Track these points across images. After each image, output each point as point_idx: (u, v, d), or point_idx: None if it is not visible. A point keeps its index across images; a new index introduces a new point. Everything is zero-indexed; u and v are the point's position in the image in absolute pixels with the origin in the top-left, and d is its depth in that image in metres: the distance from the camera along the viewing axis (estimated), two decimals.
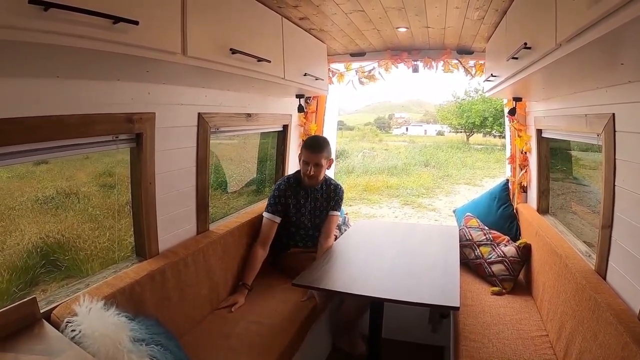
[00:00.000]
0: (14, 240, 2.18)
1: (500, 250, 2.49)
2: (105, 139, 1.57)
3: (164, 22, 1.25)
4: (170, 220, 1.94)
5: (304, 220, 2.56)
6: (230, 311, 2.08)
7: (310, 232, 2.60)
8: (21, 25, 0.84)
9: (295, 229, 2.57)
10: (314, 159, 2.44)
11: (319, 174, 2.48)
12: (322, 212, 2.60)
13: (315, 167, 2.45)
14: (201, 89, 2.05)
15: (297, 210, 2.53)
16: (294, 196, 2.52)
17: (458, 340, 1.86)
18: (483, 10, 1.99)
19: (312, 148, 2.45)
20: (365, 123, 34.55)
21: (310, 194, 2.57)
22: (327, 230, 2.55)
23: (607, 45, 0.98)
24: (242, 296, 2.19)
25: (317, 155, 2.44)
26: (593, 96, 1.71)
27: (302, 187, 2.55)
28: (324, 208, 2.61)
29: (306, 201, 2.56)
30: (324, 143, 2.50)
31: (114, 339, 1.21)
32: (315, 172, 2.46)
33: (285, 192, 2.51)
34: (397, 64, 3.09)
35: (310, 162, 2.44)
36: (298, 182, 2.55)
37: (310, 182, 2.50)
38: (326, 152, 2.49)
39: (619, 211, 1.52)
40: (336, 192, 2.63)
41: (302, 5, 1.98)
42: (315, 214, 2.59)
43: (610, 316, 1.32)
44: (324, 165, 2.49)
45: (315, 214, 2.59)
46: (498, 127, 21.00)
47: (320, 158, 2.45)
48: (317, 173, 2.47)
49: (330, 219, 2.59)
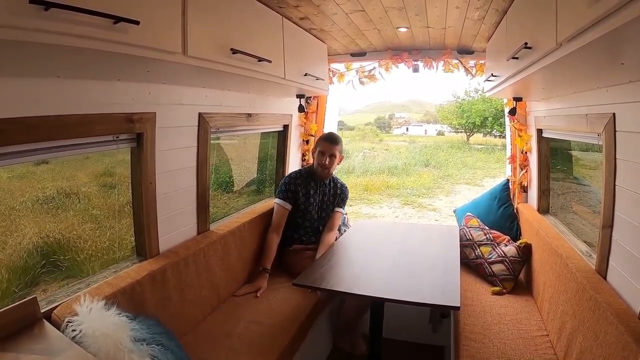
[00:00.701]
0: (15, 240, 2.19)
1: (501, 250, 2.49)
2: (105, 139, 1.57)
3: (164, 22, 1.25)
4: (171, 220, 1.94)
5: (311, 210, 2.64)
6: (256, 296, 2.22)
7: (316, 224, 2.67)
8: (22, 25, 0.84)
9: (301, 220, 2.63)
10: (330, 149, 2.61)
11: (332, 165, 2.63)
12: (328, 207, 2.73)
13: (330, 157, 2.61)
14: (202, 88, 2.05)
15: (306, 199, 2.63)
16: (304, 186, 2.64)
17: (458, 340, 1.86)
18: (483, 10, 1.99)
19: (329, 140, 2.64)
20: (365, 123, 34.58)
21: (320, 186, 2.69)
22: (331, 225, 2.69)
23: (607, 45, 0.98)
24: (265, 280, 2.33)
25: (333, 147, 2.61)
26: (593, 96, 1.71)
27: (312, 178, 2.68)
28: (331, 203, 2.74)
29: (315, 192, 2.67)
30: (338, 138, 2.71)
31: (115, 338, 1.21)
32: (330, 162, 2.61)
33: (295, 180, 2.63)
34: (397, 64, 3.09)
35: (326, 152, 2.60)
36: (309, 174, 2.69)
37: (323, 172, 2.64)
38: (340, 145, 2.67)
39: (620, 211, 1.52)
40: (342, 189, 2.79)
41: (302, 5, 1.98)
42: (322, 207, 2.71)
43: (611, 316, 1.32)
44: (337, 158, 2.65)
45: (323, 207, 2.71)
46: (498, 127, 21.01)
47: (335, 150, 2.62)
48: (331, 164, 2.62)
49: (335, 215, 2.73)
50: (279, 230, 2.55)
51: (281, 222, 2.56)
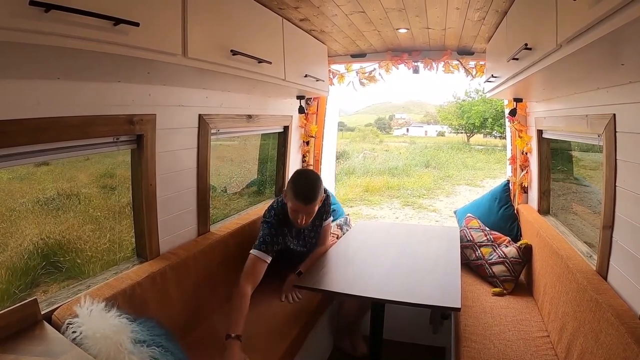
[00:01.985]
0: (15, 241, 2.18)
1: (501, 251, 2.49)
2: (106, 140, 1.57)
3: (164, 24, 1.25)
4: (171, 221, 1.94)
5: (302, 245, 2.35)
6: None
7: (306, 253, 2.39)
8: (22, 27, 0.84)
9: (291, 255, 2.32)
10: (305, 209, 2.05)
11: (309, 220, 2.13)
12: (317, 231, 2.40)
13: (307, 215, 2.09)
14: (202, 90, 2.05)
15: (291, 243, 2.25)
16: (288, 230, 2.19)
17: (459, 341, 1.86)
18: (483, 11, 1.99)
19: (303, 199, 2.02)
20: (365, 124, 34.65)
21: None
22: (322, 240, 2.43)
23: (608, 46, 0.98)
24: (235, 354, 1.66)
25: (309, 207, 2.05)
26: (594, 97, 1.71)
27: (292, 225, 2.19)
28: (318, 227, 2.40)
29: (299, 232, 2.30)
30: (316, 189, 2.08)
31: (115, 340, 1.21)
32: (306, 220, 2.10)
33: (282, 229, 2.14)
34: (397, 65, 3.09)
35: (300, 212, 2.05)
36: (286, 216, 2.15)
37: (301, 225, 2.12)
38: (319, 198, 2.09)
39: (620, 212, 1.52)
40: (325, 203, 2.29)
41: (302, 7, 1.98)
42: (311, 236, 2.38)
43: (612, 317, 1.32)
44: (316, 211, 2.13)
45: (311, 235, 2.38)
46: (498, 128, 21.05)
47: (313, 208, 2.07)
48: (307, 221, 2.12)
49: (324, 230, 2.42)
50: (254, 283, 1.93)
51: (259, 276, 1.96)
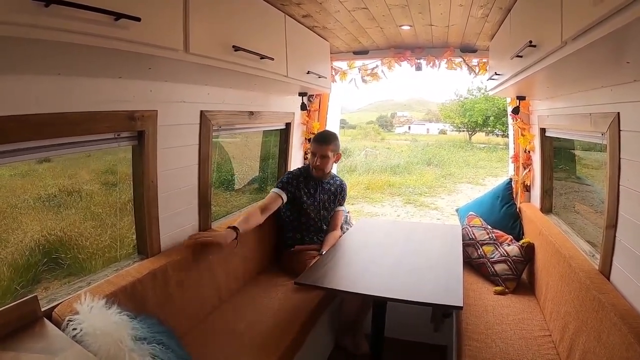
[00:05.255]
0: (17, 237, 2.19)
1: (504, 249, 2.48)
2: (107, 136, 1.56)
3: (166, 19, 1.24)
4: (173, 218, 1.94)
5: (312, 210, 2.62)
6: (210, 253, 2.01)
7: (319, 223, 2.66)
8: (22, 22, 0.83)
9: (305, 218, 2.61)
10: (320, 150, 2.54)
11: (324, 165, 2.57)
12: (330, 205, 2.71)
13: (322, 158, 2.54)
14: (203, 86, 2.04)
15: (307, 198, 2.60)
16: (305, 184, 2.60)
17: (461, 339, 1.86)
18: (487, 8, 1.98)
19: (319, 140, 2.56)
20: (367, 121, 34.60)
21: (320, 186, 2.66)
22: (335, 224, 2.71)
23: (613, 44, 0.96)
24: (229, 237, 2.00)
25: (323, 147, 2.54)
26: (598, 95, 1.70)
27: (311, 178, 2.63)
28: (332, 202, 2.72)
29: (316, 192, 2.64)
30: (331, 137, 2.60)
31: (116, 337, 1.20)
32: (322, 163, 2.55)
33: (298, 177, 2.59)
34: (400, 62, 3.08)
35: (317, 153, 2.54)
36: (308, 173, 2.64)
37: (317, 173, 2.60)
38: (333, 145, 2.57)
39: (624, 211, 1.51)
40: (342, 188, 2.77)
41: (305, 3, 1.97)
42: (324, 206, 2.68)
43: (615, 316, 1.31)
44: (330, 158, 2.57)
45: (324, 206, 2.68)
46: (500, 126, 21.01)
47: (326, 150, 2.54)
48: (323, 165, 2.56)
49: (337, 214, 2.75)
50: (265, 212, 2.31)
51: (271, 207, 2.37)
